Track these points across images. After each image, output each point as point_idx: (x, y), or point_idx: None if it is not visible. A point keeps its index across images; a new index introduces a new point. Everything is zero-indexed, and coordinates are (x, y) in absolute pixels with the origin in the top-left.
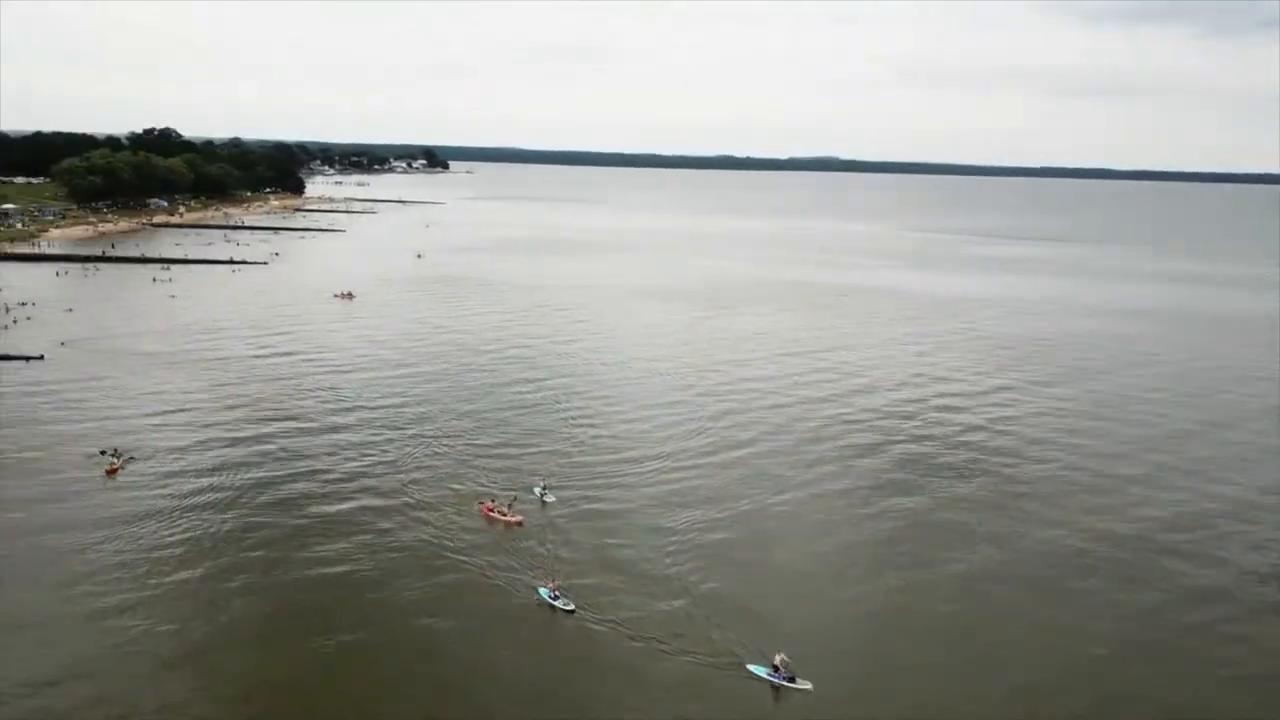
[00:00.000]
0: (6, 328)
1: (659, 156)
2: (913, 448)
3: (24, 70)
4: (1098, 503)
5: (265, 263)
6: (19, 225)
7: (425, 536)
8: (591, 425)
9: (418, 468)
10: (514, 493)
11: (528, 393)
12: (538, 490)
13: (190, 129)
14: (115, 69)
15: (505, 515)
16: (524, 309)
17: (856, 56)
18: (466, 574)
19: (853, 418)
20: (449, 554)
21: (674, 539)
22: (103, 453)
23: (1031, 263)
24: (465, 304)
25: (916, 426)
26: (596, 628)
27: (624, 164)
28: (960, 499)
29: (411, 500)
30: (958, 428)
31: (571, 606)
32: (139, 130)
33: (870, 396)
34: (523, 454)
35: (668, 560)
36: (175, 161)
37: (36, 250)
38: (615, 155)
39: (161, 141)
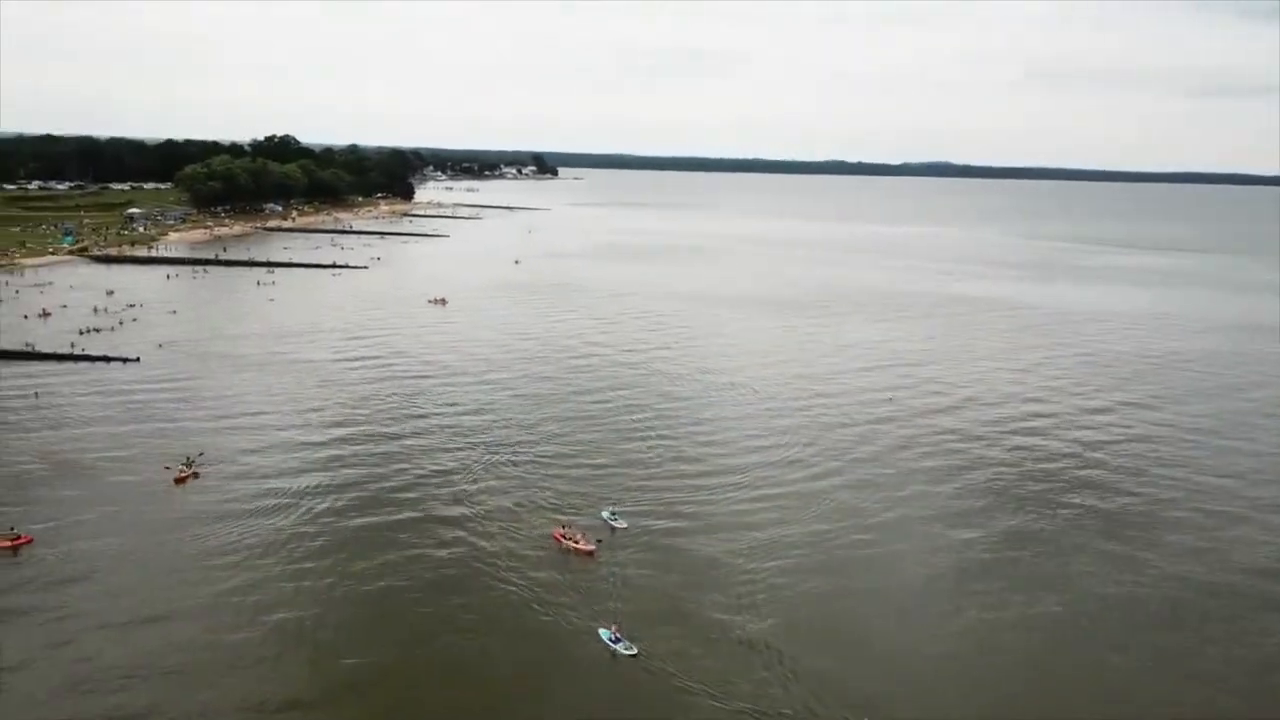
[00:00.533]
0: (113, 329)
1: (768, 162)
2: (1006, 473)
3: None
4: (1200, 544)
5: (366, 267)
6: (141, 229)
7: (487, 557)
8: (670, 442)
9: (486, 482)
10: (581, 519)
11: (605, 405)
12: (606, 515)
13: (312, 135)
14: (245, 74)
15: (577, 543)
16: (612, 316)
17: (974, 58)
18: (525, 601)
19: (945, 438)
20: (510, 579)
21: (749, 577)
22: (189, 461)
23: (1150, 273)
24: (554, 311)
25: (1011, 450)
26: (658, 677)
27: (733, 169)
28: (1053, 533)
29: (475, 514)
30: (1055, 452)
31: (634, 650)
32: (260, 137)
33: (965, 415)
34: (595, 472)
35: (741, 603)
36: (291, 167)
37: (153, 253)
38: (724, 160)
39: (280, 148)
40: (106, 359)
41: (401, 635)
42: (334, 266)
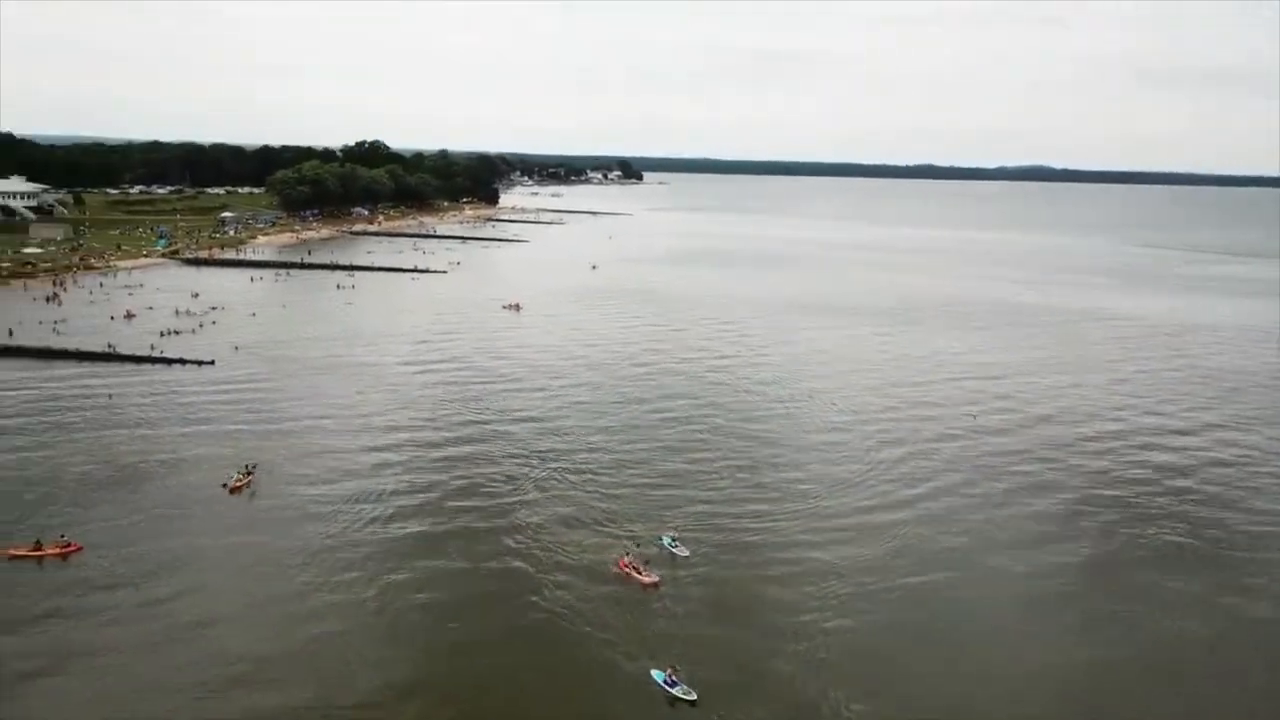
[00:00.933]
0: (194, 331)
1: (857, 166)
2: (1096, 496)
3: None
4: None
5: (445, 271)
6: (231, 232)
7: (535, 577)
8: (737, 460)
9: (542, 496)
10: (640, 542)
11: (672, 417)
12: (667, 540)
13: (405, 141)
14: (340, 80)
15: (640, 574)
16: (686, 324)
17: (1073, 59)
18: (573, 632)
19: (1037, 456)
20: (559, 604)
21: (819, 615)
22: (246, 470)
23: (1262, 284)
24: (627, 318)
25: (1107, 469)
26: None
27: (821, 173)
28: (1140, 564)
29: (527, 531)
30: (1155, 472)
31: (693, 696)
32: (351, 142)
33: (1051, 432)
34: (656, 491)
35: (811, 645)
36: (378, 172)
37: (241, 256)
38: (812, 165)
39: (370, 153)
40: (182, 361)
41: (435, 658)
42: (413, 271)
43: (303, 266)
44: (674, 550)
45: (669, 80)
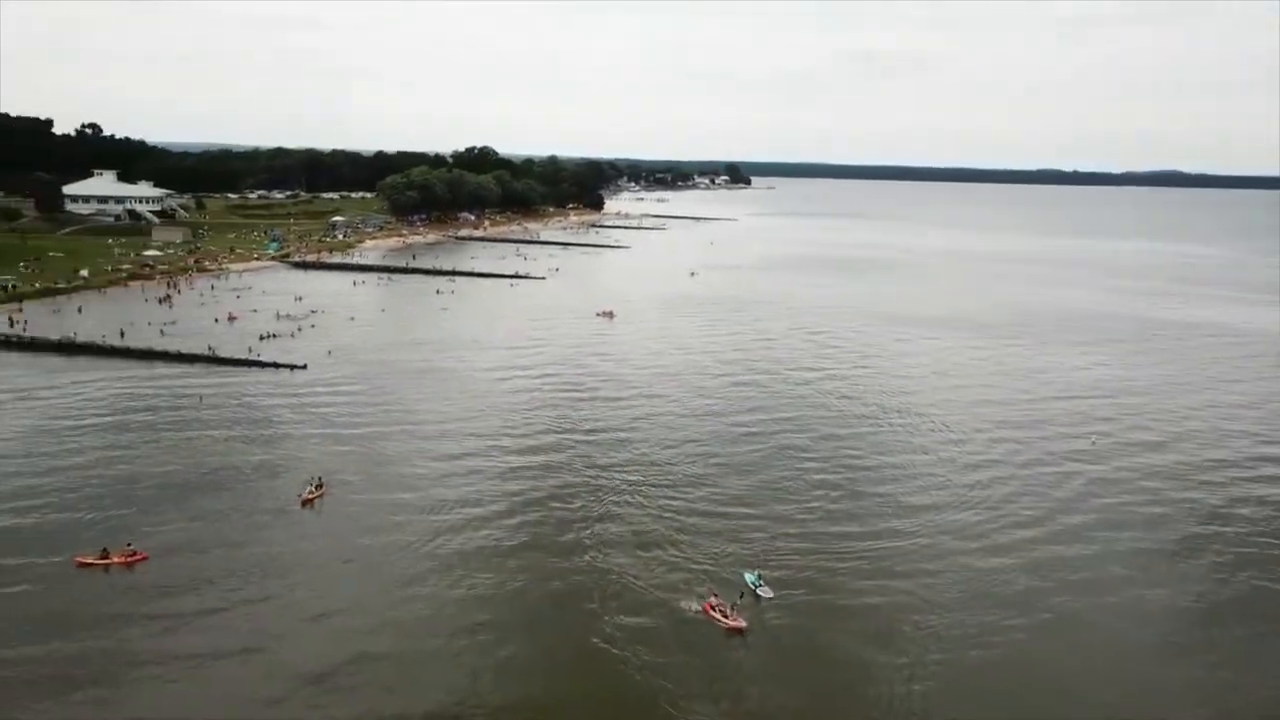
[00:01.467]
0: (292, 335)
1: (973, 170)
2: (1224, 532)
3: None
4: None
5: (544, 278)
6: (340, 236)
7: (603, 606)
8: (832, 489)
9: (620, 514)
10: (719, 579)
11: (760, 436)
12: (750, 579)
13: (517, 147)
14: (457, 88)
15: (727, 618)
16: (784, 335)
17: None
18: (643, 675)
19: (1161, 488)
20: (625, 638)
21: (916, 670)
22: (317, 484)
23: None
24: (723, 327)
25: (1235, 503)
26: None
27: (937, 178)
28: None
29: (600, 548)
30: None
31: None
32: (460, 148)
33: (1175, 457)
34: (740, 522)
35: (909, 707)
36: (486, 178)
37: (349, 259)
38: (928, 169)
39: (479, 159)
40: (275, 365)
41: (486, 680)
42: (512, 276)
43: (404, 271)
44: (759, 591)
45: (779, 84)
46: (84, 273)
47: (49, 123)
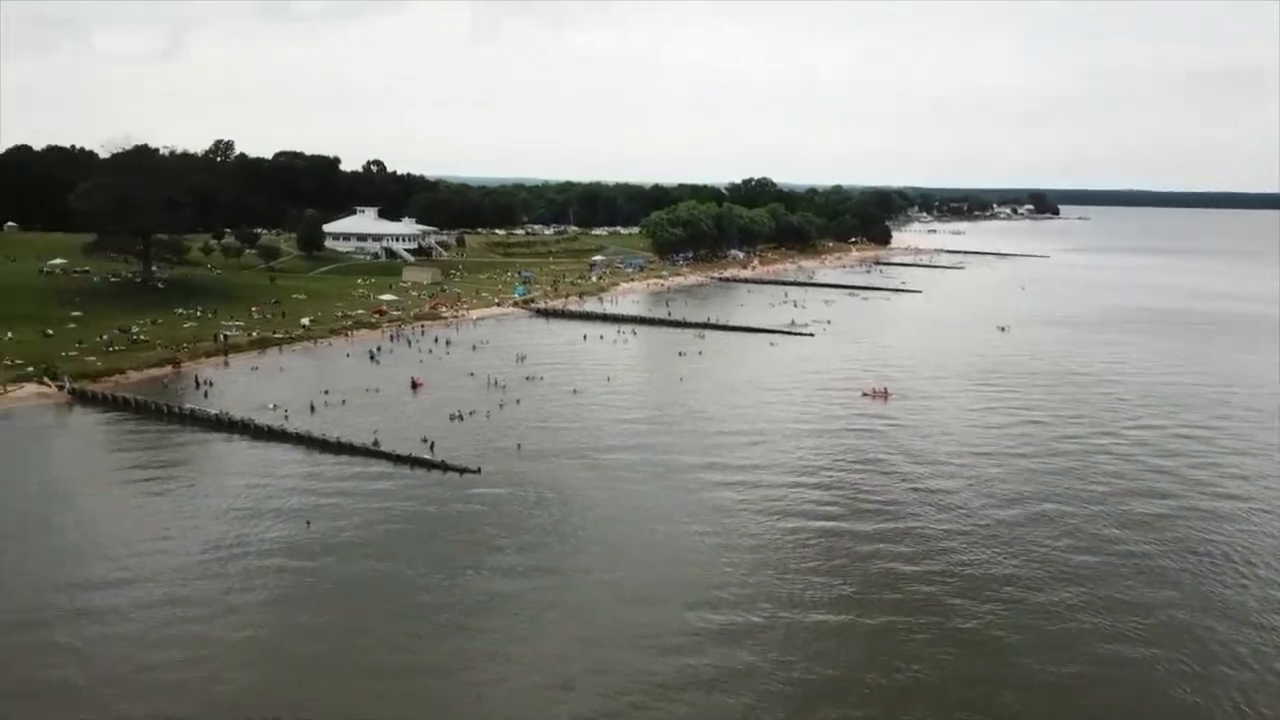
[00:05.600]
0: (489, 415)
1: None
2: None
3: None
4: None
5: (810, 334)
6: (594, 278)
7: None
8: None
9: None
10: None
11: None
12: None
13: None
14: (743, 117)
15: None
16: (1134, 433)
17: None
18: None
19: None
20: None
21: None
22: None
23: None
24: (1049, 421)
25: None
26: None
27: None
28: None
29: None
30: None
31: None
32: (738, 180)
33: None
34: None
35: None
36: (758, 211)
37: (602, 306)
38: (1265, 196)
39: (756, 191)
40: (444, 467)
41: None
42: (770, 332)
43: (652, 323)
44: None
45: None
46: (305, 321)
47: (336, 160)
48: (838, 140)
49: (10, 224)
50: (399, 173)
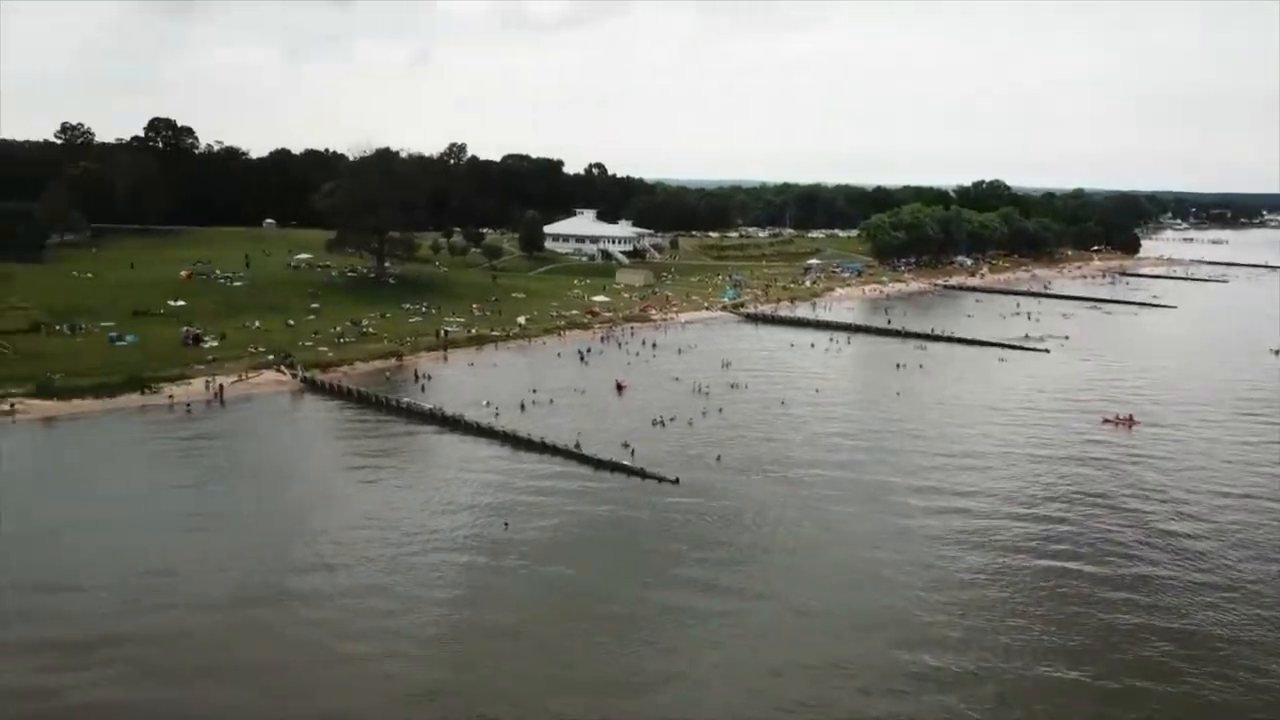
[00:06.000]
0: (691, 423)
1: None
2: None
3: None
4: None
5: (1046, 350)
6: (809, 283)
7: None
8: None
9: None
10: None
11: None
12: None
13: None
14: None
15: None
16: None
17: None
18: None
19: None
20: None
21: None
22: None
23: None
24: None
25: None
26: None
27: None
28: None
29: None
30: None
31: None
32: (966, 183)
33: None
34: None
35: None
36: (989, 216)
37: (815, 312)
38: None
39: (987, 194)
40: (642, 474)
41: None
42: (1000, 346)
43: (871, 331)
44: None
45: None
46: (521, 320)
47: (559, 163)
48: (1073, 141)
49: (269, 221)
50: (618, 175)
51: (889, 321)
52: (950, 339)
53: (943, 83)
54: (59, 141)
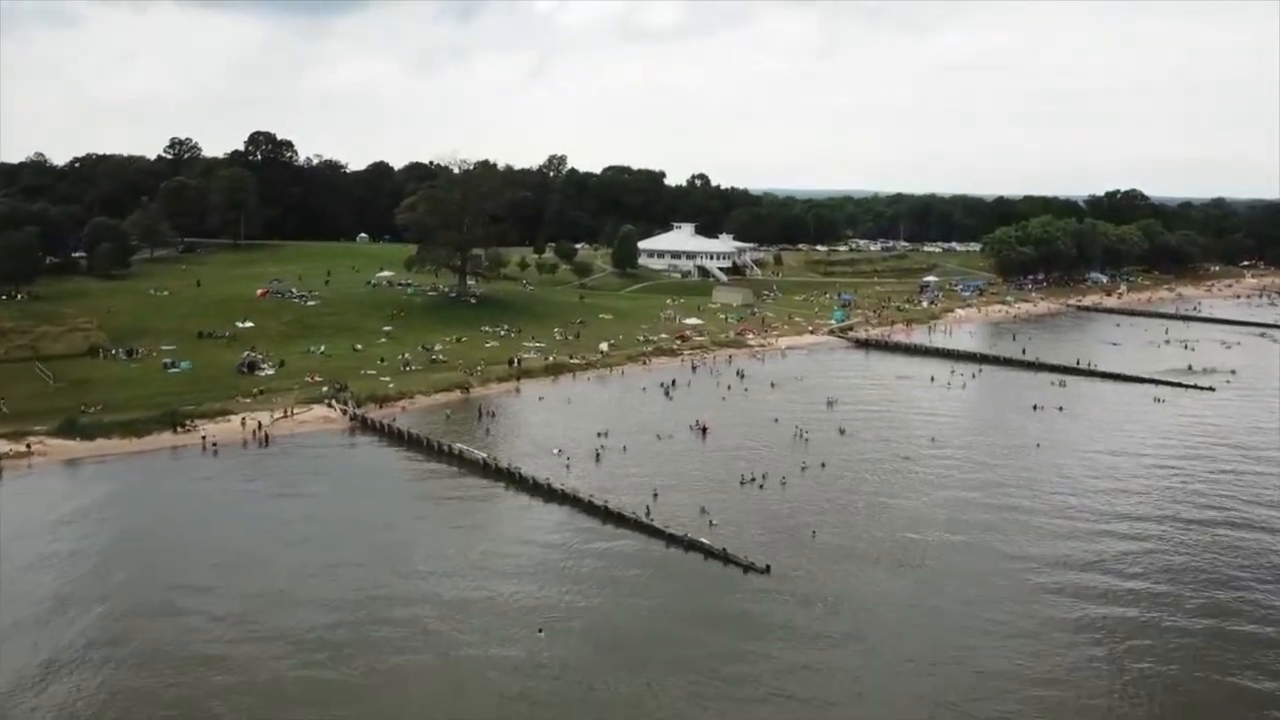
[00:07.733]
0: (783, 482)
1: None
2: None
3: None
4: None
5: (1211, 388)
6: (925, 304)
7: None
8: None
9: None
10: None
11: None
12: None
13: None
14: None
15: None
16: None
17: None
18: None
19: None
20: None
21: None
22: None
23: None
24: None
25: None
26: None
27: None
28: None
29: None
30: None
31: None
32: (1099, 192)
33: None
34: None
35: None
36: (1128, 229)
37: (932, 339)
38: None
39: (1121, 205)
40: (725, 559)
41: None
42: (1155, 383)
43: (999, 362)
44: None
45: None
46: (604, 347)
47: (661, 174)
48: (1210, 144)
49: (362, 235)
50: (721, 186)
51: (1023, 351)
52: (1094, 373)
53: (1077, 88)
54: (169, 157)
